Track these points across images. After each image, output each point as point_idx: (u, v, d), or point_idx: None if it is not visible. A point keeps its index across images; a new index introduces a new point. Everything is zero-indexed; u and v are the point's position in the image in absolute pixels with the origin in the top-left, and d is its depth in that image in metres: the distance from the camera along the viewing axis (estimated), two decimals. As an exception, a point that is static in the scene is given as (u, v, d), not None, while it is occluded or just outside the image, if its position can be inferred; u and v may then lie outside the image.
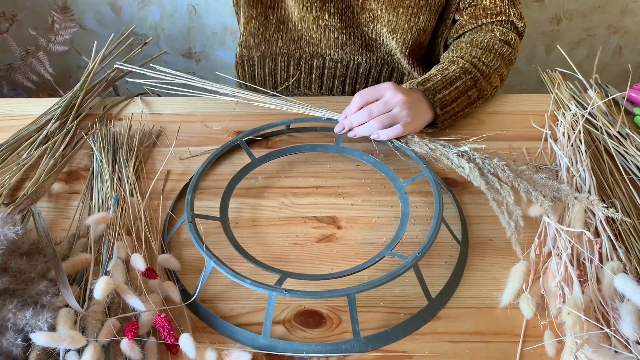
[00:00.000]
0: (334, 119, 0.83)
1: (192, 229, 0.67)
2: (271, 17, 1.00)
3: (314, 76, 1.07)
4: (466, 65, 0.88)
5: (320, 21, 0.97)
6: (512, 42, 0.94)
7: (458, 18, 0.97)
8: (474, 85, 0.88)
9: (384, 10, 0.93)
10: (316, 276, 0.66)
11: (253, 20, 1.00)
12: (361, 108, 0.80)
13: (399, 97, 0.79)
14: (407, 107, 0.79)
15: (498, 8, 0.94)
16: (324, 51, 1.02)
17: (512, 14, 0.94)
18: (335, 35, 0.99)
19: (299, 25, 0.99)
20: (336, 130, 0.82)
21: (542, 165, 0.82)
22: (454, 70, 0.87)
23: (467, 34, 0.97)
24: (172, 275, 0.68)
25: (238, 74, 1.11)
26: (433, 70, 0.89)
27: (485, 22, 0.95)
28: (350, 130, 0.81)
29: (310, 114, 0.85)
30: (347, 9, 0.95)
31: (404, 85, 0.84)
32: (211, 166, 0.82)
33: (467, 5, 0.95)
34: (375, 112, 0.79)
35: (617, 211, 0.66)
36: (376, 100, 0.80)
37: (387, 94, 0.79)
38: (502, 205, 0.68)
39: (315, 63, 1.05)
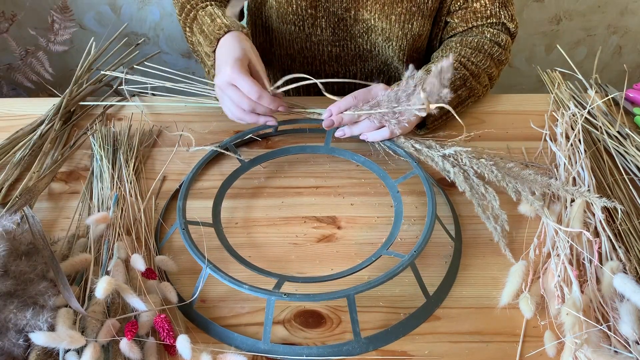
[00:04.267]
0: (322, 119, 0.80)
1: (186, 237, 0.66)
2: (265, 45, 1.03)
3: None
4: (455, 65, 0.88)
5: (313, 37, 0.98)
6: (502, 43, 0.94)
7: (449, 20, 0.97)
8: (464, 84, 0.88)
9: (377, 19, 0.94)
10: (313, 279, 0.66)
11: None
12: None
13: None
14: None
15: (488, 11, 0.94)
16: (318, 68, 1.03)
17: (502, 16, 0.94)
18: (329, 49, 1.00)
19: (291, 49, 1.00)
20: (325, 125, 0.79)
21: (531, 162, 0.82)
22: None
23: (457, 35, 0.97)
24: (166, 279, 0.67)
25: None
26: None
27: (475, 24, 0.94)
28: (339, 128, 0.80)
29: (302, 115, 0.83)
30: (339, 22, 0.96)
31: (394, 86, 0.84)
32: (205, 167, 0.82)
33: (457, 8, 0.95)
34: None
35: (614, 206, 0.66)
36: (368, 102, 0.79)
37: (380, 95, 0.79)
38: (488, 210, 0.69)
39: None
